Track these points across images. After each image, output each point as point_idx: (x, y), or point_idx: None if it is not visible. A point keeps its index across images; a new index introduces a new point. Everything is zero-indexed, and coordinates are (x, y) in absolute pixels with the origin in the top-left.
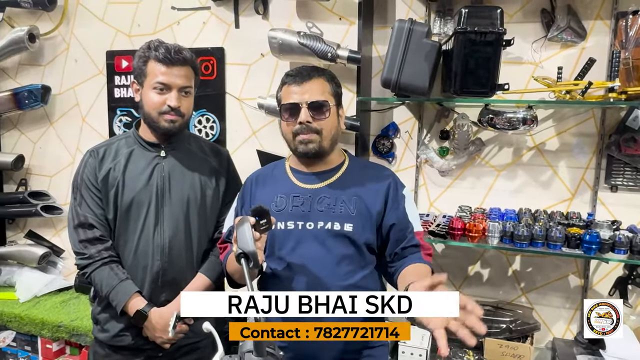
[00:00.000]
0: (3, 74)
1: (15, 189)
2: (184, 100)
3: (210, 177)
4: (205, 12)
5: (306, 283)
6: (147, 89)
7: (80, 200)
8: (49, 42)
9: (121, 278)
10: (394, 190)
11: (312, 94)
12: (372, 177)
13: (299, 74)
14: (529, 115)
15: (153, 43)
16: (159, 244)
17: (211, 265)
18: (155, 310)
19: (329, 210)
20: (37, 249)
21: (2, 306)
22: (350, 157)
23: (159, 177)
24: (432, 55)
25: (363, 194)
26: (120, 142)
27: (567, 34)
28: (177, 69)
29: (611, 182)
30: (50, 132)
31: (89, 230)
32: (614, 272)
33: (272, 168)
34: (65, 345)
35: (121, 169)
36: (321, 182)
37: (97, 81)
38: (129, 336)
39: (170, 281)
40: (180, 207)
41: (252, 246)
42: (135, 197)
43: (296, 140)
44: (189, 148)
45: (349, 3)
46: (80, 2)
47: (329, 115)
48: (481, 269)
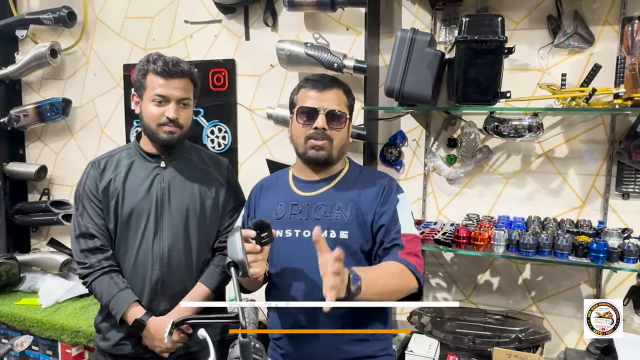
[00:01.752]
0: (28, 88)
1: (38, 198)
2: (182, 112)
3: (210, 188)
4: (217, 25)
5: (304, 291)
6: (146, 101)
7: (82, 211)
8: (70, 57)
9: (121, 287)
10: (387, 193)
11: (331, 103)
12: (367, 182)
13: (320, 81)
14: (534, 122)
15: (152, 56)
16: (159, 253)
17: (210, 275)
18: (153, 320)
19: (324, 218)
20: (59, 256)
21: (25, 312)
22: (350, 164)
23: (158, 188)
24: (434, 64)
25: (358, 199)
26: (121, 154)
27: (574, 40)
28: (176, 81)
29: (622, 190)
30: (71, 143)
31: (90, 240)
32: (627, 281)
33: (278, 176)
34: (84, 350)
35: (122, 179)
36: (319, 189)
37: (114, 93)
38: (129, 345)
39: (170, 291)
40: (180, 217)
41: (242, 255)
42: (135, 208)
43: (307, 144)
44: (189, 159)
45: (356, 13)
46: (99, 18)
47: (343, 126)
48: (491, 277)
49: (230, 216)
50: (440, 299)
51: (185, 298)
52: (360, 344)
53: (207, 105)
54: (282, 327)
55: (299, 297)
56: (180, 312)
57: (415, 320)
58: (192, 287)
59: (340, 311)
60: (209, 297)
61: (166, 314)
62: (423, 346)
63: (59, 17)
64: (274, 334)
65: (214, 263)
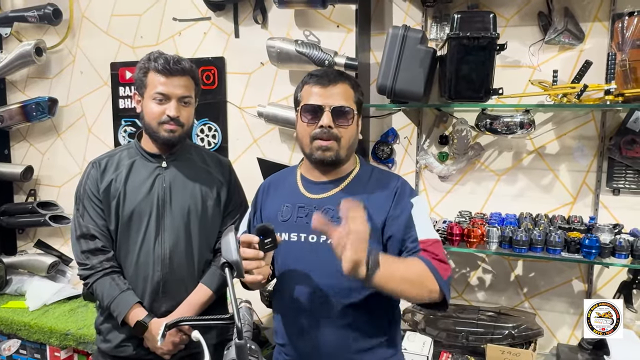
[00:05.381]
0: (12, 87)
1: (24, 199)
2: (183, 110)
3: (211, 188)
4: (206, 22)
5: (309, 297)
6: (147, 99)
7: (82, 212)
8: (56, 56)
9: (122, 289)
10: (399, 197)
11: (337, 99)
12: (379, 185)
13: (325, 76)
14: (526, 119)
15: (153, 54)
16: (160, 254)
17: (212, 276)
18: (155, 321)
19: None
20: (47, 258)
21: (12, 315)
22: (361, 164)
23: (160, 188)
24: (426, 61)
25: (368, 203)
26: (122, 153)
27: (564, 36)
28: (177, 79)
29: (613, 185)
30: (58, 143)
31: (91, 241)
32: (618, 276)
33: (286, 175)
34: (74, 353)
35: (123, 179)
36: (328, 192)
37: (102, 92)
38: (130, 346)
39: (171, 291)
40: (181, 217)
41: (236, 256)
42: (136, 208)
43: (313, 145)
44: (191, 158)
45: (347, 10)
46: (85, 15)
47: (351, 123)
48: (483, 274)
49: (232, 216)
50: None
51: (187, 299)
52: (367, 353)
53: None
54: (286, 332)
55: (304, 302)
56: (182, 313)
57: (408, 318)
58: (193, 287)
59: (346, 320)
60: (211, 298)
61: (168, 315)
62: (417, 344)
63: (44, 15)
64: (279, 340)
65: (215, 264)
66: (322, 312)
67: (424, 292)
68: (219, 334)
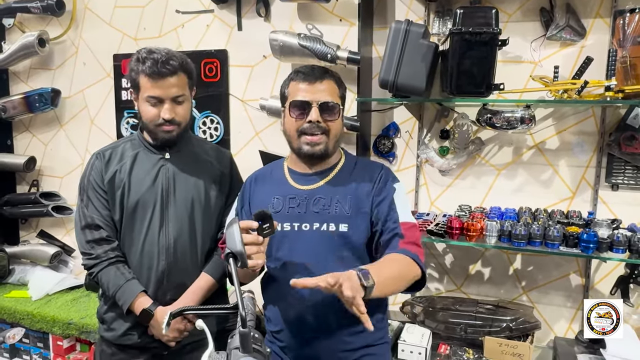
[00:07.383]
0: (15, 78)
1: (27, 190)
2: (178, 109)
3: (213, 179)
4: (209, 15)
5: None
6: (141, 100)
7: (87, 202)
8: (59, 47)
9: (127, 278)
10: (382, 183)
11: (324, 95)
12: (363, 173)
13: (311, 73)
14: (527, 114)
15: (141, 55)
16: (164, 244)
17: (215, 265)
18: (160, 309)
19: (323, 211)
20: (49, 248)
21: (15, 304)
22: (346, 155)
23: (164, 179)
24: (428, 55)
25: (356, 192)
26: (125, 145)
27: (566, 32)
28: (167, 80)
29: (612, 181)
30: (61, 134)
31: (96, 231)
32: (615, 271)
33: (272, 169)
34: (76, 342)
35: (127, 170)
36: (317, 183)
37: (105, 84)
38: (135, 335)
39: (175, 281)
40: (185, 208)
41: (240, 246)
42: (141, 199)
43: (301, 139)
44: (193, 150)
45: (349, 4)
46: (88, 7)
47: (338, 117)
48: (482, 267)
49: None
50: (432, 289)
51: (190, 288)
52: (359, 335)
53: (199, 96)
54: (282, 320)
55: (298, 291)
56: (186, 301)
57: (407, 310)
58: (196, 276)
59: (341, 304)
60: (214, 286)
61: (172, 304)
62: (415, 336)
63: (47, 6)
64: (272, 327)
65: (218, 253)
66: (317, 298)
67: (411, 279)
68: (218, 322)
